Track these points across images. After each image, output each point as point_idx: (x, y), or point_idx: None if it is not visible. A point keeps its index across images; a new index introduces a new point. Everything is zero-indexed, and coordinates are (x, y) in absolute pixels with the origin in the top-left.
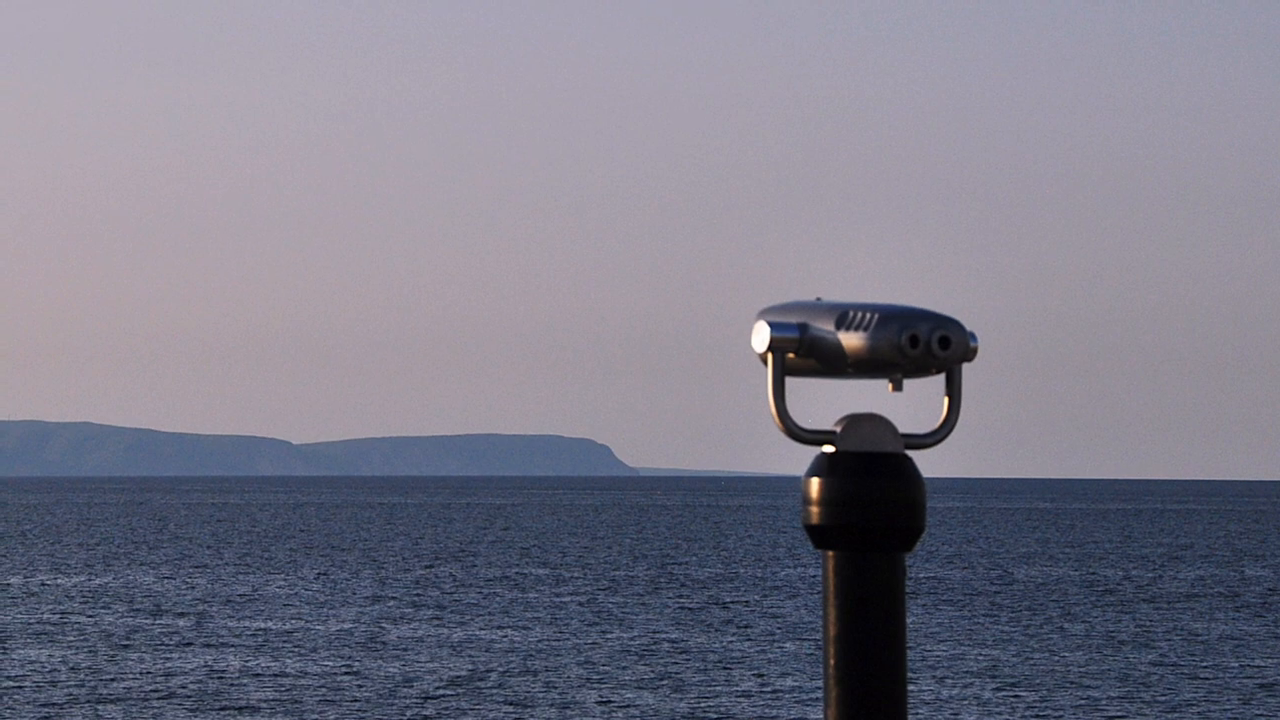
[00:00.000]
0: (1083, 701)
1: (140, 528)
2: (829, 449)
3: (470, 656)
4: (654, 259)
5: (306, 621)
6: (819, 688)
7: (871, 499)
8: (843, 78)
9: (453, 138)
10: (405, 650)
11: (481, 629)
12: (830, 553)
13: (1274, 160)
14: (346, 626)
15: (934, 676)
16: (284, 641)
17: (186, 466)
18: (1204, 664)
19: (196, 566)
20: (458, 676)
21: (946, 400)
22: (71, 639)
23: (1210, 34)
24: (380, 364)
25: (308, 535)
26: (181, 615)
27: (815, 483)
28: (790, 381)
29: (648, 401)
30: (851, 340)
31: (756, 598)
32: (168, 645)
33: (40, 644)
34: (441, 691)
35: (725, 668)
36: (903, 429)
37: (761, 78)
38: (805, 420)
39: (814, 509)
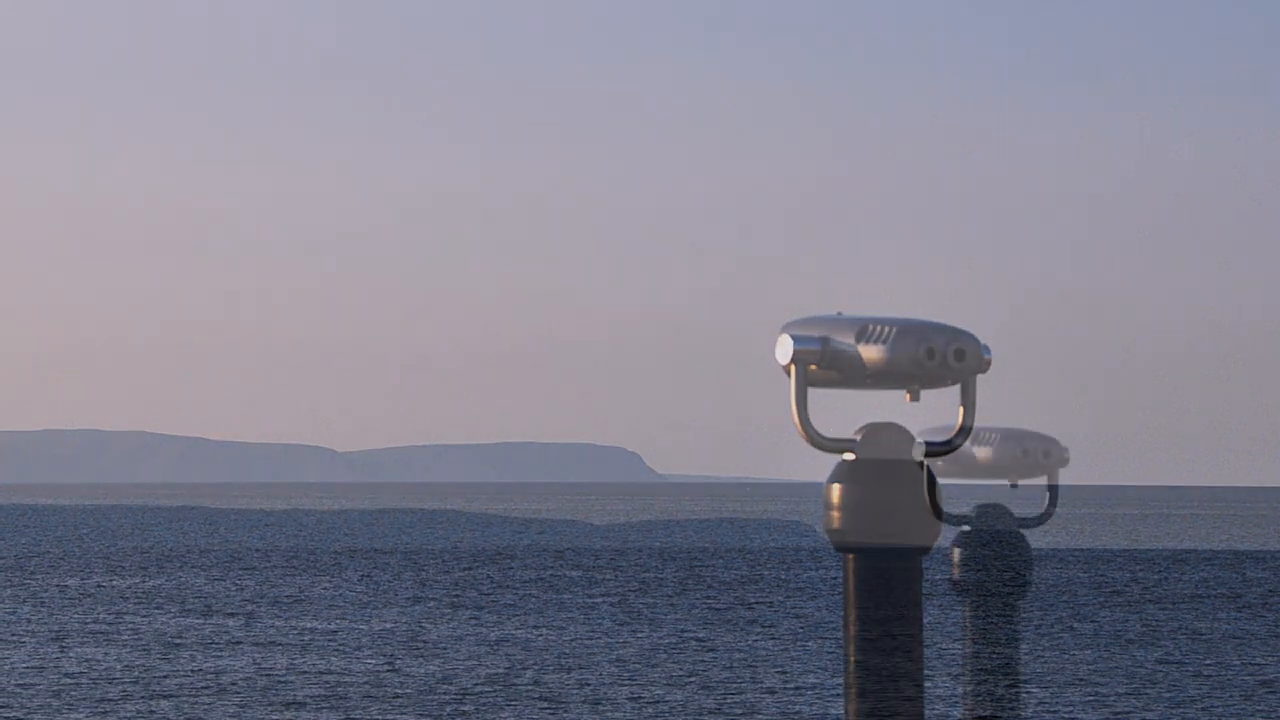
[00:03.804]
0: (1091, 698)
1: (191, 531)
2: (849, 456)
3: (507, 654)
4: (683, 275)
5: (350, 621)
6: (840, 684)
7: (890, 504)
8: (865, 101)
9: (486, 151)
10: (445, 648)
11: (518, 628)
12: (850, 556)
13: None
14: (388, 626)
15: (949, 673)
16: (329, 640)
17: (236, 473)
18: (1207, 661)
19: (245, 569)
20: (495, 673)
21: (961, 410)
22: (126, 638)
23: (1221, 51)
24: (421, 375)
25: (351, 539)
26: (231, 615)
27: (836, 489)
28: (812, 392)
29: (677, 411)
30: (871, 353)
31: (780, 599)
32: (218, 644)
33: (96, 642)
34: (479, 688)
35: (750, 665)
36: (920, 437)
37: (787, 101)
38: (827, 429)
39: (835, 514)
